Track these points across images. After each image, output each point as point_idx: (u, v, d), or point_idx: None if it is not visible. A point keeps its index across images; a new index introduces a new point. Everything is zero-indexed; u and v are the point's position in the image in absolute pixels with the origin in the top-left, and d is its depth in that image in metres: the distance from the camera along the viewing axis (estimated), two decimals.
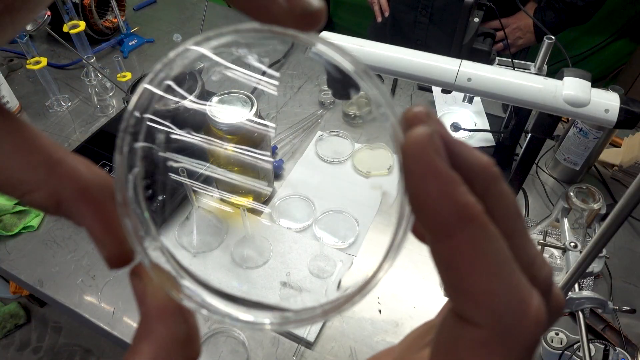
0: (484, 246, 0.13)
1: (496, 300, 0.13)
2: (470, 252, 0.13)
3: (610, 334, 0.75)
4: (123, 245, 0.17)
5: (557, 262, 0.79)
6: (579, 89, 0.61)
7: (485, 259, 0.13)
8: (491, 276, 0.13)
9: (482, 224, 0.13)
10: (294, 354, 0.73)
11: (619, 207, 0.43)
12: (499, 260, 0.13)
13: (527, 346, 0.13)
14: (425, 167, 0.13)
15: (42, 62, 1.06)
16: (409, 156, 0.13)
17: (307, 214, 0.89)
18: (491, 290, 0.13)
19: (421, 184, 0.13)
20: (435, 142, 0.14)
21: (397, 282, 0.81)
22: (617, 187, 0.98)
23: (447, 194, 0.13)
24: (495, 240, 0.13)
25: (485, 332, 0.13)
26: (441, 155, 0.14)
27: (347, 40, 0.68)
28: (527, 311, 0.13)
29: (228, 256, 0.82)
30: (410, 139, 0.14)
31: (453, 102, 1.11)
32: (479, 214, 0.13)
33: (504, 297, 0.13)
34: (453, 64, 0.64)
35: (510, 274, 0.13)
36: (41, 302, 1.79)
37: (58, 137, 1.10)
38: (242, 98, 0.77)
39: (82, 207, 0.17)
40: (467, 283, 0.13)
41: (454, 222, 0.13)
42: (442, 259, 0.14)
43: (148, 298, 0.17)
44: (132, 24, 1.39)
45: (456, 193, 0.13)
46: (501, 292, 0.13)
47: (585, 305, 0.58)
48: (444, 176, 0.13)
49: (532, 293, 0.14)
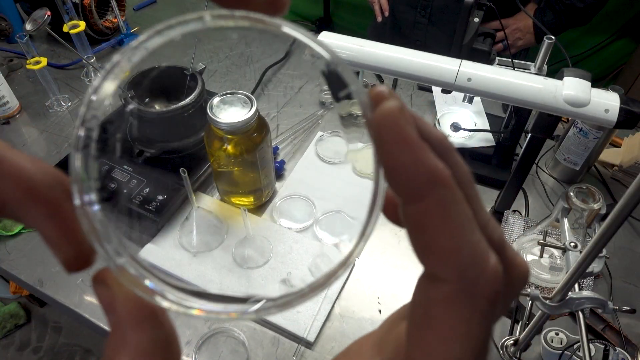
0: (451, 207, 0.14)
1: (461, 256, 0.14)
2: (439, 213, 0.14)
3: (610, 334, 0.75)
4: (80, 247, 0.16)
5: (557, 262, 0.79)
6: (579, 89, 0.61)
7: (452, 218, 0.14)
8: (457, 235, 0.14)
9: (449, 187, 0.14)
10: (294, 354, 0.73)
11: (619, 207, 0.43)
12: (463, 221, 0.15)
13: (489, 298, 0.15)
14: (399, 136, 0.14)
15: (42, 62, 1.06)
16: (383, 127, 0.15)
17: (307, 214, 0.89)
18: (456, 248, 0.14)
19: (395, 151, 0.14)
20: (406, 114, 0.15)
21: (397, 282, 0.81)
22: (617, 187, 0.98)
23: (419, 159, 0.14)
24: (461, 202, 0.15)
25: (452, 286, 0.15)
26: (411, 125, 0.15)
27: (347, 40, 0.68)
28: (486, 266, 0.15)
29: (229, 256, 0.82)
30: (383, 111, 0.15)
31: (453, 102, 1.11)
32: (447, 177, 0.14)
33: (467, 253, 0.14)
34: (453, 64, 0.64)
35: (472, 233, 0.15)
36: (41, 302, 1.79)
37: (58, 137, 1.10)
38: (243, 98, 0.77)
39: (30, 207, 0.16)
40: (435, 242, 0.14)
41: (425, 185, 0.14)
42: (413, 220, 0.15)
43: (118, 305, 0.16)
44: (132, 24, 1.39)
45: (427, 158, 0.14)
46: (465, 249, 0.14)
47: (585, 305, 0.58)
48: (416, 143, 0.14)
49: (489, 251, 0.15)
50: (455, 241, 0.14)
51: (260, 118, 0.79)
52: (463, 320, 0.15)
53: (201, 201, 0.91)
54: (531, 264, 0.81)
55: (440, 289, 0.15)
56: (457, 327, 0.15)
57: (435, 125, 1.07)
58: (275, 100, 1.18)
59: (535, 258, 0.81)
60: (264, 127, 0.81)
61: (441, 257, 0.14)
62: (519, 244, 0.84)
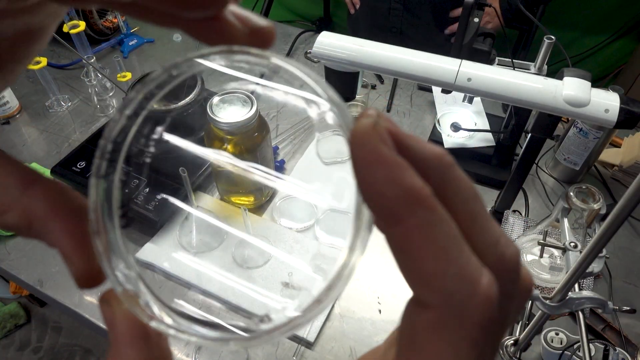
0: (433, 229, 0.13)
1: (446, 280, 0.13)
2: (420, 236, 0.13)
3: (610, 334, 0.75)
4: (93, 265, 0.17)
5: (557, 262, 0.79)
6: (578, 89, 0.61)
7: (435, 241, 0.13)
8: (441, 258, 0.13)
9: (430, 207, 0.14)
10: (294, 354, 0.73)
11: (619, 207, 0.43)
12: (448, 242, 0.14)
13: (481, 324, 0.14)
14: (370, 154, 0.14)
15: (42, 62, 1.06)
16: (354, 145, 0.14)
17: (308, 214, 0.89)
18: (441, 272, 0.13)
19: (367, 171, 0.14)
20: (379, 130, 0.14)
21: (397, 282, 0.81)
22: (617, 187, 0.98)
23: (392, 178, 0.13)
24: (444, 222, 0.14)
25: (438, 313, 0.14)
26: (386, 143, 0.14)
27: (347, 40, 0.68)
28: (476, 289, 0.14)
29: (229, 256, 0.82)
30: (355, 129, 0.14)
31: (453, 102, 1.11)
32: (426, 196, 0.14)
33: (453, 277, 0.13)
34: (453, 64, 0.64)
35: (459, 254, 0.14)
36: (41, 302, 1.79)
37: (58, 137, 1.10)
38: (243, 98, 0.77)
39: (52, 225, 0.17)
40: (419, 266, 0.14)
41: (402, 207, 0.13)
42: (395, 244, 0.14)
43: (118, 323, 0.17)
44: (132, 24, 1.39)
45: (402, 177, 0.13)
46: (451, 273, 0.13)
47: (585, 305, 0.58)
48: (390, 162, 0.14)
49: (481, 272, 0.14)
50: (440, 264, 0.13)
51: (260, 118, 0.79)
52: (450, 346, 0.14)
53: (201, 201, 0.91)
54: (531, 263, 0.81)
55: (426, 315, 0.14)
56: (444, 355, 0.14)
57: (435, 125, 1.07)
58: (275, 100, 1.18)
59: (535, 258, 0.81)
60: (264, 127, 0.81)
61: (425, 282, 0.14)
62: (519, 244, 0.84)
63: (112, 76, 1.15)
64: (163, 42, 1.39)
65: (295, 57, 1.33)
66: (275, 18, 1.76)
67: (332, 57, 0.68)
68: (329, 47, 0.67)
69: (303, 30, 1.39)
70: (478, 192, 0.15)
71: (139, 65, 1.31)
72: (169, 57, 1.33)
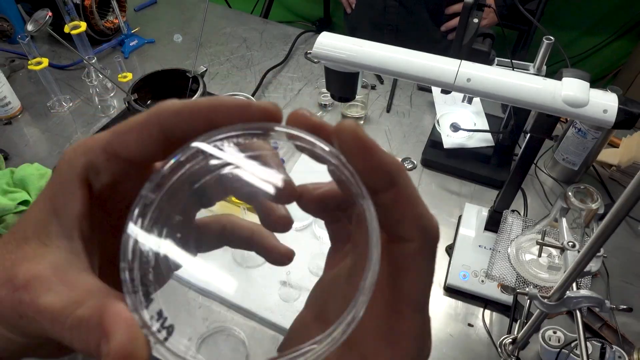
0: (412, 185, 0.19)
1: (423, 219, 0.19)
2: (407, 192, 0.19)
3: (607, 333, 0.76)
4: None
5: (556, 262, 0.79)
6: (577, 89, 0.61)
7: (415, 193, 0.19)
8: (418, 205, 0.19)
9: (406, 172, 0.19)
10: None
11: (617, 207, 0.43)
12: (418, 194, 0.19)
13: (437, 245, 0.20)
14: (369, 141, 0.18)
15: (44, 63, 1.06)
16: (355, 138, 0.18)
17: None
18: (420, 214, 0.19)
19: (372, 150, 0.18)
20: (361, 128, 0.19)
21: None
22: (615, 187, 0.99)
23: (388, 154, 0.19)
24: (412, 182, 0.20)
25: (419, 243, 0.19)
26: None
27: (347, 40, 0.68)
28: (435, 224, 0.20)
29: (228, 255, 0.83)
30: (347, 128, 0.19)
31: (453, 103, 1.12)
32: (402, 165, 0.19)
33: (426, 216, 0.19)
34: (452, 65, 0.65)
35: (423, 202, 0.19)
36: None
37: (60, 137, 1.10)
38: None
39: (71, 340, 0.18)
40: (405, 213, 0.19)
41: (396, 172, 0.18)
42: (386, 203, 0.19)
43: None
44: (132, 24, 1.40)
45: (389, 155, 0.19)
46: (424, 214, 0.19)
47: (582, 304, 0.58)
48: (377, 145, 0.19)
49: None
50: (419, 210, 0.19)
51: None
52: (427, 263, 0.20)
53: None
54: (530, 263, 0.81)
55: (410, 246, 0.19)
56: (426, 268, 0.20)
57: (434, 125, 1.08)
58: (275, 102, 1.18)
59: (534, 257, 0.81)
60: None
61: (410, 223, 0.19)
62: (517, 244, 0.84)
63: (113, 76, 1.16)
64: (164, 42, 1.39)
65: (295, 58, 1.33)
66: (275, 18, 1.76)
67: (332, 58, 0.68)
68: (329, 47, 0.68)
69: (303, 31, 1.40)
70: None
71: (140, 66, 1.31)
72: (170, 57, 1.34)
